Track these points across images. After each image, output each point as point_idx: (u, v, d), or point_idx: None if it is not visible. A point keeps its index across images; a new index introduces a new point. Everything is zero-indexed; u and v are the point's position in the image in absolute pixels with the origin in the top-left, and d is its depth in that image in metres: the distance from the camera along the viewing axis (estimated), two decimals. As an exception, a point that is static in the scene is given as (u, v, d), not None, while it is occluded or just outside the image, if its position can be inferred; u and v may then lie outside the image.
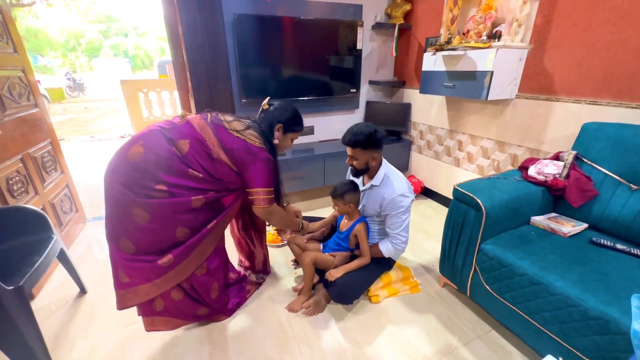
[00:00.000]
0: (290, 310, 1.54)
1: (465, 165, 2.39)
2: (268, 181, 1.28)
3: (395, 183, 1.46)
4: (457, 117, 2.38)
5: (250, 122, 1.33)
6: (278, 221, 1.44)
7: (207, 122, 1.24)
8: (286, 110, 1.38)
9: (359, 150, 1.42)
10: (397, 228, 1.47)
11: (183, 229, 1.18)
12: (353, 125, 1.43)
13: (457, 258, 1.48)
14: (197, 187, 1.18)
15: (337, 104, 2.86)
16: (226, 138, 1.22)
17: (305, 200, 2.82)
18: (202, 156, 1.19)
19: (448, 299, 1.62)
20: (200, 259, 1.26)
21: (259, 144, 1.26)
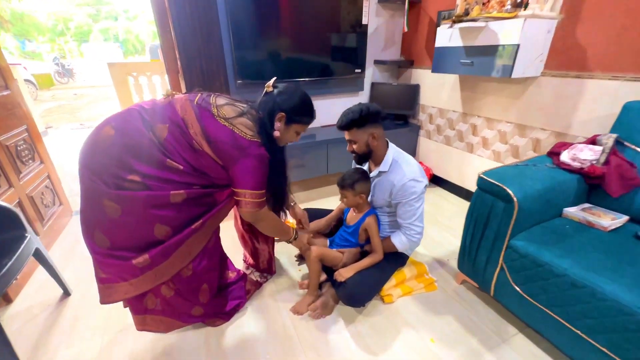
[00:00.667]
0: (295, 313, 1.40)
1: (479, 151, 2.22)
2: (257, 182, 1.10)
3: (406, 167, 1.30)
4: (472, 99, 2.19)
5: (247, 107, 1.12)
6: (267, 229, 1.30)
7: (192, 104, 1.05)
8: (292, 96, 1.14)
9: (354, 131, 1.29)
10: (410, 217, 1.31)
11: (162, 227, 1.02)
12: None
13: (480, 254, 1.33)
14: (177, 181, 1.01)
15: (340, 86, 2.65)
16: (211, 126, 1.02)
17: (306, 190, 2.65)
18: (183, 145, 1.01)
19: (467, 297, 1.48)
20: (185, 260, 1.10)
21: (251, 136, 1.06)
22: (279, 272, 1.67)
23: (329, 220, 1.55)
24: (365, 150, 1.34)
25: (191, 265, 1.14)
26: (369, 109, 1.26)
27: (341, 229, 1.53)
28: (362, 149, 1.34)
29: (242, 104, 1.13)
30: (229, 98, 1.15)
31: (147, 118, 1.00)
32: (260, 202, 1.13)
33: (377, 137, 1.31)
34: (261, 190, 1.12)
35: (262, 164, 1.09)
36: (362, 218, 1.41)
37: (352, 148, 1.36)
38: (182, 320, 1.26)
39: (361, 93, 2.77)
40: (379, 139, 1.33)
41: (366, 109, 1.26)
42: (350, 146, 1.36)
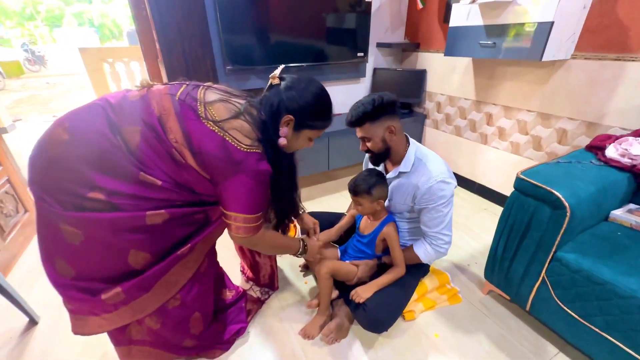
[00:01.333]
0: (305, 337, 1.22)
1: (494, 142, 2.05)
2: (253, 205, 0.86)
3: (432, 166, 1.11)
4: (488, 85, 1.99)
5: (245, 103, 0.86)
6: (266, 250, 1.12)
7: (173, 100, 0.80)
8: (304, 92, 0.87)
9: (368, 126, 1.09)
10: (437, 225, 1.13)
11: (139, 254, 0.80)
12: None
13: (516, 265, 1.17)
14: (155, 198, 0.78)
15: (340, 72, 2.41)
16: (196, 132, 0.78)
17: (305, 187, 2.44)
18: (160, 155, 0.77)
19: (496, 310, 1.33)
20: (170, 291, 0.89)
21: (247, 146, 0.80)
22: (283, 286, 1.48)
23: (339, 229, 1.35)
24: (382, 148, 1.14)
25: (179, 295, 0.93)
26: (382, 98, 1.06)
27: (354, 237, 1.34)
28: (379, 147, 1.13)
29: (238, 100, 0.88)
30: (223, 91, 0.89)
31: (114, 117, 0.76)
32: (255, 226, 0.90)
33: (395, 132, 1.11)
34: (257, 214, 0.89)
35: (260, 182, 0.85)
36: (380, 226, 1.22)
37: (366, 147, 1.15)
38: (174, 352, 1.06)
39: (363, 80, 2.54)
40: (398, 133, 1.13)
41: (379, 99, 1.06)
42: (364, 145, 1.15)
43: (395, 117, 1.12)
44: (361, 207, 1.18)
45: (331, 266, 1.21)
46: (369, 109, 1.06)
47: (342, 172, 2.62)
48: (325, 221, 1.44)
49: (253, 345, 1.20)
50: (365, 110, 1.06)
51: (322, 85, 0.93)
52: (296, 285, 1.48)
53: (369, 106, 1.06)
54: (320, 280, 1.22)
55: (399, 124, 1.13)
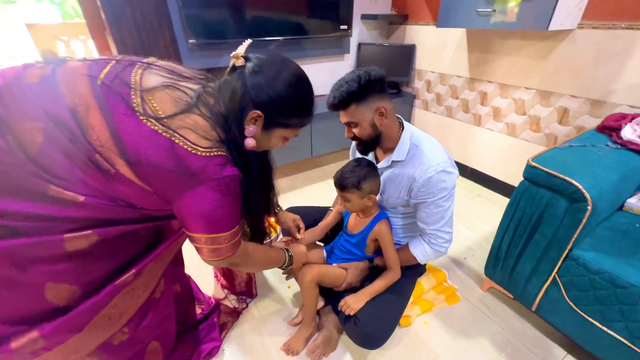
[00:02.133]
0: (288, 353, 1.07)
1: (488, 123, 1.90)
2: (222, 220, 0.66)
3: (430, 153, 0.94)
4: (483, 61, 1.82)
5: (199, 90, 0.64)
6: (249, 269, 0.98)
7: (93, 85, 0.57)
8: (275, 82, 0.65)
9: (354, 108, 0.91)
10: (437, 222, 0.97)
11: (60, 287, 0.60)
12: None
13: (523, 263, 1.04)
14: (76, 217, 0.57)
15: (322, 47, 2.17)
16: (131, 134, 0.56)
17: (287, 176, 2.24)
18: (78, 162, 0.55)
19: (497, 309, 1.22)
20: (112, 327, 0.69)
21: (206, 149, 0.60)
22: (262, 292, 1.31)
23: (324, 228, 1.18)
24: (371, 134, 0.95)
25: (126, 329, 0.73)
26: (369, 74, 0.87)
27: (341, 236, 1.17)
28: (368, 133, 0.95)
29: (189, 84, 0.65)
30: (167, 71, 0.66)
31: (0, 109, 0.53)
32: (232, 244, 0.70)
33: (386, 114, 0.93)
34: (231, 230, 0.69)
35: (228, 192, 0.64)
36: (371, 224, 1.05)
37: (352, 133, 0.97)
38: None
39: (347, 56, 2.31)
40: (389, 115, 0.95)
41: (366, 75, 0.87)
42: (350, 131, 0.97)
43: (384, 96, 0.93)
44: (349, 203, 1.00)
45: (316, 273, 1.04)
46: (354, 88, 0.87)
47: (327, 159, 2.43)
48: (309, 217, 1.26)
49: (228, 367, 1.04)
50: (349, 90, 0.87)
51: (299, 69, 0.70)
52: (278, 291, 1.32)
53: (354, 84, 0.87)
54: (304, 290, 1.06)
55: (390, 105, 0.95)
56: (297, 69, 0.70)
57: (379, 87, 0.91)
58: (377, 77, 0.89)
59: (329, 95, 0.92)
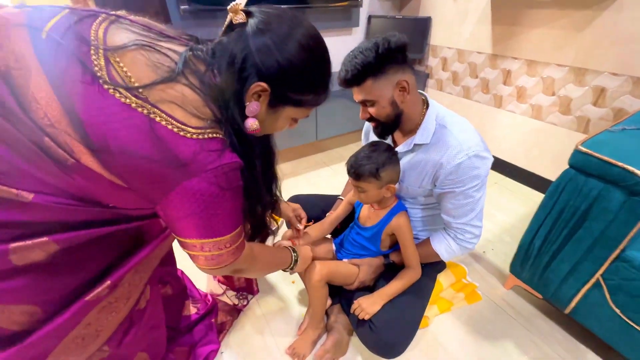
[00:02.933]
0: (294, 357, 0.96)
1: (511, 105, 1.74)
2: (223, 221, 0.53)
3: (460, 135, 0.80)
4: (508, 35, 1.64)
5: (186, 53, 0.49)
6: (256, 274, 0.87)
7: (34, 39, 0.41)
8: (286, 44, 0.49)
9: (370, 83, 0.76)
10: (465, 214, 0.85)
11: (13, 310, 0.47)
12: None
13: (560, 262, 0.92)
14: (27, 222, 0.44)
15: (327, 19, 1.98)
16: (89, 105, 0.41)
17: (290, 160, 2.10)
18: (19, 149, 0.41)
19: (522, 309, 1.11)
20: (88, 347, 0.57)
21: (197, 130, 0.46)
22: (264, 287, 1.20)
23: (334, 221, 1.05)
24: (391, 114, 0.81)
25: (106, 347, 0.61)
26: (389, 42, 0.72)
27: (352, 228, 1.04)
28: (387, 113, 0.80)
29: (173, 46, 0.50)
30: (144, 27, 0.50)
31: None
32: (234, 248, 0.57)
33: (408, 89, 0.78)
34: (234, 232, 0.55)
35: (228, 186, 0.50)
36: (387, 217, 0.92)
37: (368, 114, 0.82)
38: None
39: (356, 30, 2.12)
40: (412, 91, 0.80)
41: (385, 42, 0.72)
42: (366, 111, 0.82)
43: (406, 68, 0.78)
44: (364, 194, 0.87)
45: (325, 272, 0.92)
46: (370, 59, 0.72)
47: (333, 142, 2.28)
48: (316, 208, 1.13)
49: (228, 373, 0.94)
50: (365, 61, 0.73)
51: (314, 29, 0.54)
52: (282, 286, 1.21)
53: (371, 54, 0.72)
54: (311, 290, 0.94)
55: (412, 78, 0.80)
56: (313, 29, 0.54)
57: (401, 57, 0.76)
58: (399, 45, 0.73)
59: (341, 69, 0.78)
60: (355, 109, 1.94)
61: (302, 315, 1.08)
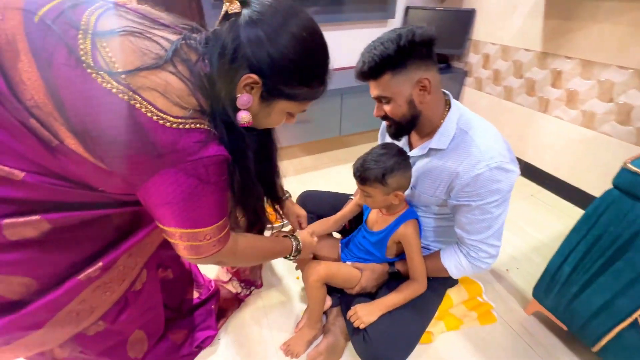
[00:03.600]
0: (287, 354, 0.96)
1: (558, 110, 1.56)
2: (202, 213, 0.52)
3: (483, 143, 0.72)
4: (563, 31, 1.46)
5: (178, 42, 0.48)
6: (244, 264, 0.90)
7: (27, 21, 0.42)
8: (279, 36, 0.48)
9: (388, 78, 0.70)
10: (481, 232, 0.76)
11: (11, 280, 0.50)
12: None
13: (591, 294, 0.81)
14: (17, 199, 0.46)
15: (361, 10, 1.90)
16: (71, 88, 0.42)
17: (310, 154, 2.08)
18: (8, 127, 0.43)
19: (542, 339, 1.00)
20: (81, 322, 0.60)
21: (177, 120, 0.45)
22: (269, 280, 1.20)
23: (339, 220, 1.01)
24: (407, 114, 0.74)
25: (101, 322, 0.65)
26: (413, 33, 0.66)
27: (360, 231, 1.00)
28: (402, 112, 0.74)
29: (166, 35, 0.50)
30: (140, 15, 0.50)
31: None
32: (214, 242, 0.56)
33: (429, 88, 0.71)
34: (212, 225, 0.54)
35: (208, 179, 0.49)
36: (395, 224, 0.86)
37: (383, 111, 0.76)
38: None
39: (391, 22, 2.01)
40: (433, 90, 0.72)
41: (409, 34, 0.66)
42: (380, 108, 0.77)
43: (430, 64, 0.71)
44: (370, 199, 0.82)
45: (324, 272, 0.89)
46: (390, 51, 0.66)
47: (357, 139, 2.21)
48: (326, 205, 1.11)
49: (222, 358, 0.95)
50: (384, 53, 0.67)
51: (312, 20, 0.52)
52: (286, 282, 1.20)
53: (391, 46, 0.66)
54: (308, 289, 0.92)
55: (436, 77, 0.72)
56: (309, 20, 0.51)
57: (425, 52, 0.69)
58: (424, 39, 0.67)
59: (359, 60, 0.72)
60: (383, 106, 1.87)
61: (301, 313, 1.07)
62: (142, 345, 0.78)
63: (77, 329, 0.61)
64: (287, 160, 1.97)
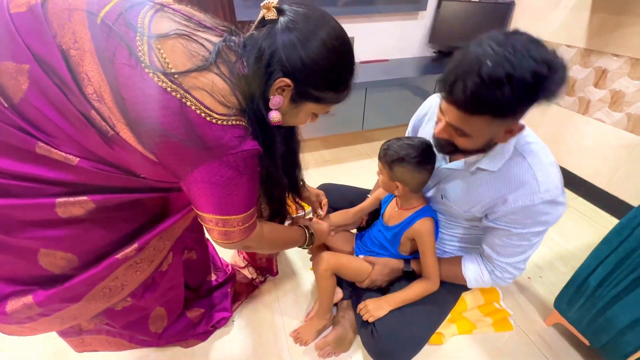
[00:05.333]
0: (296, 341, 0.99)
1: (600, 112, 1.45)
2: (237, 202, 0.56)
3: (542, 173, 0.64)
4: (611, 26, 1.34)
5: (220, 44, 0.51)
6: (265, 250, 0.93)
7: (91, 24, 0.46)
8: (310, 42, 0.50)
9: (484, 120, 0.54)
10: (512, 256, 0.73)
11: (55, 255, 0.56)
12: (475, 45, 0.51)
13: (619, 310, 0.76)
14: (70, 181, 0.51)
15: (391, 2, 1.84)
16: (132, 89, 0.46)
17: (332, 147, 2.08)
18: (70, 117, 0.47)
19: (562, 352, 0.96)
20: (113, 298, 0.66)
21: (222, 117, 0.49)
22: (284, 270, 1.23)
23: (359, 212, 1.01)
24: (478, 149, 0.65)
25: (129, 298, 0.70)
26: (555, 73, 0.48)
27: (375, 225, 1.00)
28: (476, 147, 0.63)
29: (209, 37, 0.53)
30: (185, 17, 0.54)
31: None
32: (246, 228, 0.61)
33: (515, 132, 0.60)
34: (246, 212, 0.59)
35: (246, 170, 0.54)
36: (409, 219, 0.85)
37: (447, 134, 0.63)
38: (137, 343, 0.89)
39: (422, 15, 1.94)
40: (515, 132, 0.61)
41: (545, 69, 0.47)
42: (448, 131, 0.62)
43: (525, 110, 0.54)
44: (380, 177, 0.83)
45: (333, 262, 0.90)
46: (512, 94, 0.48)
47: (380, 134, 2.18)
48: (344, 199, 1.10)
49: (234, 341, 1.00)
50: (505, 95, 0.48)
51: (341, 28, 0.54)
52: (301, 272, 1.23)
53: (520, 87, 0.47)
54: (317, 278, 0.94)
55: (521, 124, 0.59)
56: (339, 28, 0.54)
57: (547, 95, 0.50)
58: (555, 81, 0.48)
59: (460, 79, 0.51)
60: (406, 102, 1.83)
61: (313, 303, 1.09)
62: (162, 321, 0.84)
63: (107, 304, 0.67)
64: (309, 153, 1.99)
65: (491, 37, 0.51)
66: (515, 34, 0.51)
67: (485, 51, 0.49)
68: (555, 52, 0.49)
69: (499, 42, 0.49)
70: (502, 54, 0.47)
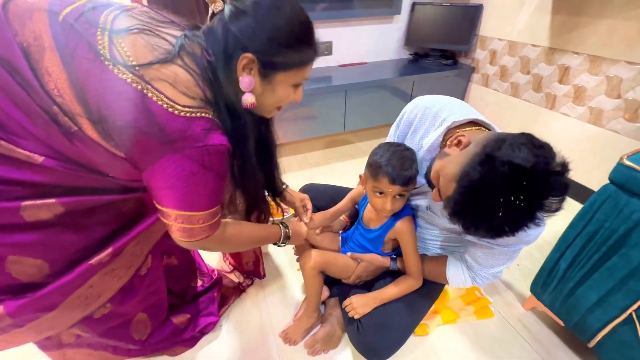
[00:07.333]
0: (286, 341, 0.99)
1: (565, 107, 1.54)
2: (200, 198, 0.55)
3: None
4: (571, 26, 1.43)
5: (182, 38, 0.52)
6: (231, 250, 0.96)
7: (52, 22, 0.46)
8: (257, 9, 0.52)
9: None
10: (494, 267, 0.76)
11: (25, 262, 0.54)
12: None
13: (587, 290, 0.81)
14: (35, 182, 0.50)
15: (367, 6, 1.90)
16: (91, 79, 0.46)
17: (315, 150, 2.10)
18: (32, 114, 0.47)
19: (539, 335, 1.01)
20: (90, 306, 0.65)
21: (186, 109, 0.49)
22: (271, 272, 1.23)
23: (336, 213, 1.01)
24: None
25: (108, 304, 0.69)
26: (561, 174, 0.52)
27: (357, 229, 1.01)
28: None
29: (172, 31, 0.54)
30: (147, 15, 0.55)
31: None
32: (206, 227, 0.59)
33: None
34: (207, 211, 0.57)
35: (210, 166, 0.53)
36: (390, 221, 0.88)
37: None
38: (122, 354, 0.87)
39: (397, 18, 2.01)
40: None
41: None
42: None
43: None
44: (402, 200, 0.80)
45: (320, 260, 0.91)
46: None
47: (361, 135, 2.23)
48: (326, 197, 1.12)
49: (222, 345, 0.99)
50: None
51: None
52: (287, 272, 1.23)
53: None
54: (305, 277, 0.95)
55: None
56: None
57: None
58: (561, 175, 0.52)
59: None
60: (385, 102, 1.87)
61: (300, 303, 1.10)
62: (145, 328, 0.83)
63: (84, 312, 0.65)
64: (292, 156, 2.00)
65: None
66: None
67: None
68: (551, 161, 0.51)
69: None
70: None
